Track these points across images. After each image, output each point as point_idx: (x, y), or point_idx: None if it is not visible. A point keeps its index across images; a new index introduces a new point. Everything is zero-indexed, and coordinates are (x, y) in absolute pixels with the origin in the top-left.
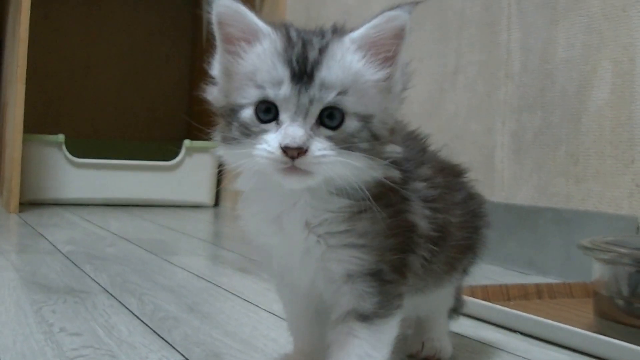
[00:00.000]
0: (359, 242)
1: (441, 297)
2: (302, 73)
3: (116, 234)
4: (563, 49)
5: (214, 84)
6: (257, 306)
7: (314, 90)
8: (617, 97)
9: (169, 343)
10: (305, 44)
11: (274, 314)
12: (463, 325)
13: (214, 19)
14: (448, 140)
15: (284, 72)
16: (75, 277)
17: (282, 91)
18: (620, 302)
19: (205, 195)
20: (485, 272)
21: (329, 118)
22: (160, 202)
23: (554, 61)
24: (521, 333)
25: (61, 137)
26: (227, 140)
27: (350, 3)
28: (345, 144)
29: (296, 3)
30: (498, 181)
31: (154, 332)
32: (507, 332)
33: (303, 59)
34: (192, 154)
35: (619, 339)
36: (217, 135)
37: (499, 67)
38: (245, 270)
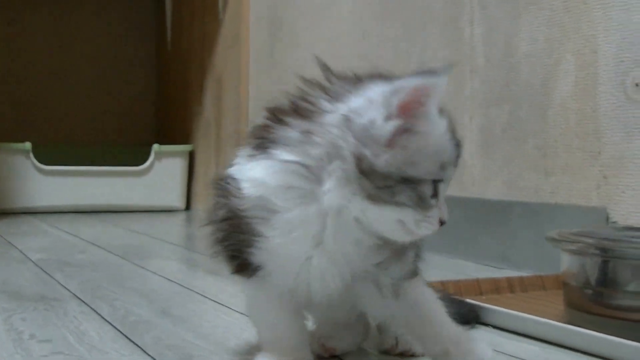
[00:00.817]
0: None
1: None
2: (459, 156)
3: (87, 241)
4: (526, 43)
5: (372, 142)
6: (230, 308)
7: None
8: (581, 90)
9: (140, 347)
10: (453, 125)
11: (246, 315)
12: None
13: (413, 88)
14: None
15: (455, 155)
16: (46, 285)
17: (449, 173)
18: (589, 292)
19: (176, 199)
20: (459, 268)
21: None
22: (131, 208)
23: (518, 55)
24: (494, 326)
25: (28, 145)
26: (383, 202)
27: (316, 3)
28: None
29: (259, 4)
30: (468, 177)
31: (125, 336)
32: (481, 326)
33: (460, 142)
34: (162, 159)
35: (589, 329)
36: (355, 189)
37: (463, 63)
38: (217, 273)
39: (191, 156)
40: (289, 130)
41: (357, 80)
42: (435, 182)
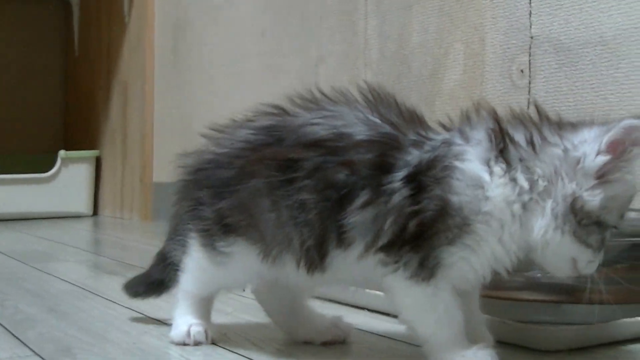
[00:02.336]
0: None
1: None
2: None
3: None
4: (417, 34)
5: (579, 175)
6: (117, 303)
7: None
8: (469, 78)
9: (22, 341)
10: None
11: (131, 309)
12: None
13: (630, 128)
14: None
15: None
16: None
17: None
18: None
19: (83, 205)
20: None
21: None
22: (38, 215)
23: (409, 46)
24: (368, 309)
25: None
26: (580, 240)
27: (215, 3)
28: None
29: (163, 6)
30: None
31: (9, 332)
32: (354, 309)
33: None
34: (68, 165)
35: None
36: (561, 225)
37: (358, 56)
38: (113, 273)
39: (98, 162)
40: (520, 152)
41: (574, 125)
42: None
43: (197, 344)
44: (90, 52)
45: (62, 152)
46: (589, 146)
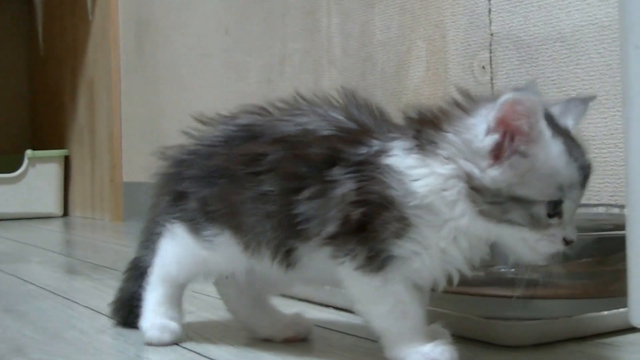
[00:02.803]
0: None
1: None
2: (587, 176)
3: None
4: (380, 32)
5: (476, 157)
6: (77, 303)
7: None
8: (432, 74)
9: None
10: (579, 147)
11: (91, 309)
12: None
13: (509, 103)
14: None
15: (579, 178)
16: None
17: (573, 194)
18: None
19: (53, 205)
20: None
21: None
22: (6, 216)
23: (373, 44)
24: (334, 307)
25: None
26: (494, 218)
27: (179, 1)
28: None
29: (127, 3)
30: None
31: None
32: (320, 307)
33: (587, 163)
34: (36, 164)
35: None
36: (467, 205)
37: (321, 54)
38: (75, 272)
39: (67, 161)
40: (433, 142)
41: (476, 103)
42: (555, 203)
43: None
44: (55, 51)
45: (29, 152)
46: (479, 127)
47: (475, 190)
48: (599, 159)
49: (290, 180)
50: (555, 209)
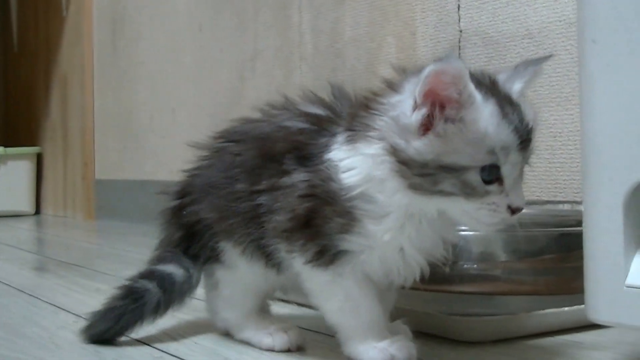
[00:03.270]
0: None
1: None
2: (525, 139)
3: None
4: (350, 28)
5: (410, 135)
6: (39, 299)
7: (528, 153)
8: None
9: None
10: (513, 107)
11: (54, 305)
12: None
13: (433, 75)
14: None
15: (514, 140)
16: None
17: (511, 158)
18: None
19: (24, 203)
20: None
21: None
22: None
23: (343, 40)
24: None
25: None
26: (425, 191)
27: None
28: None
29: None
30: None
31: None
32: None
33: (523, 124)
34: (7, 162)
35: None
36: (396, 178)
37: (293, 50)
38: (42, 269)
39: (39, 159)
40: (370, 120)
41: (403, 79)
42: (492, 168)
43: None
44: (29, 48)
45: (0, 149)
46: (406, 103)
47: (403, 164)
48: (565, 156)
49: (254, 175)
50: (491, 175)
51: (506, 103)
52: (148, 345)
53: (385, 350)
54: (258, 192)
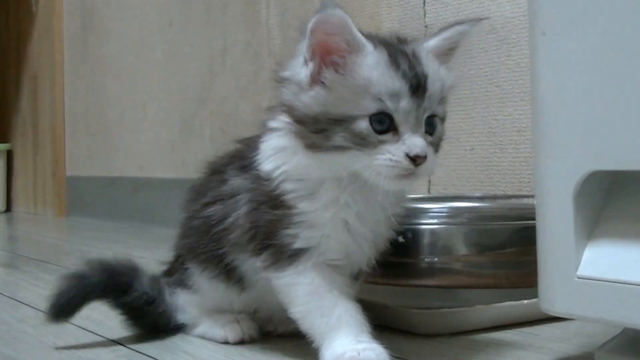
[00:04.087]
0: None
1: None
2: (418, 86)
3: None
4: None
5: (299, 89)
6: (1, 294)
7: (426, 102)
8: None
9: None
10: (407, 57)
11: (15, 299)
12: None
13: (315, 26)
14: (222, 122)
15: (402, 85)
16: None
17: (402, 104)
18: None
19: None
20: None
21: (430, 125)
22: None
23: None
24: None
25: None
26: (320, 148)
27: None
28: (436, 146)
29: None
30: None
31: None
32: None
33: (414, 72)
34: None
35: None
36: (295, 141)
37: (262, 45)
38: (6, 265)
39: (9, 155)
40: (279, 95)
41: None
42: (383, 116)
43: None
44: (0, 44)
45: None
46: (297, 61)
47: (300, 124)
48: (529, 151)
49: (203, 190)
50: (383, 123)
51: (398, 53)
52: (105, 338)
53: (353, 351)
54: (206, 204)
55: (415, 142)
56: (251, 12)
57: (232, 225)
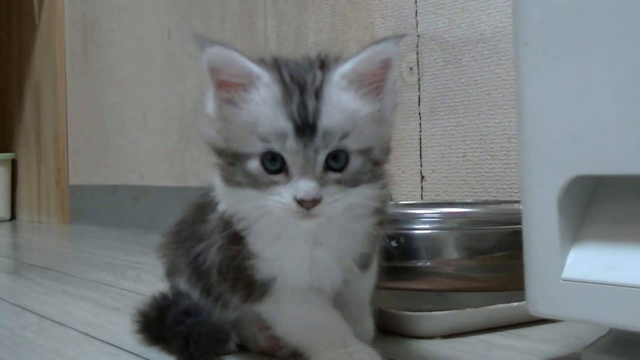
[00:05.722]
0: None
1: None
2: (305, 125)
3: None
4: (313, 34)
5: (209, 122)
6: (4, 300)
7: (318, 140)
8: None
9: None
10: (302, 91)
11: (18, 305)
12: None
13: (205, 65)
14: None
15: (287, 125)
16: None
17: (288, 145)
18: None
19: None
20: None
21: (335, 161)
22: None
23: (306, 46)
24: None
25: None
26: (231, 183)
27: (121, 4)
28: (352, 181)
29: (72, 7)
30: None
31: None
32: None
33: (304, 110)
34: None
35: None
36: (217, 173)
37: (258, 55)
38: (10, 272)
39: (14, 165)
40: None
41: None
42: (275, 156)
43: None
44: (2, 55)
45: None
46: (207, 93)
47: (217, 156)
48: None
49: (194, 228)
50: (275, 163)
51: (295, 85)
52: (106, 342)
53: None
54: (195, 239)
55: (300, 186)
56: (249, 22)
57: (211, 268)
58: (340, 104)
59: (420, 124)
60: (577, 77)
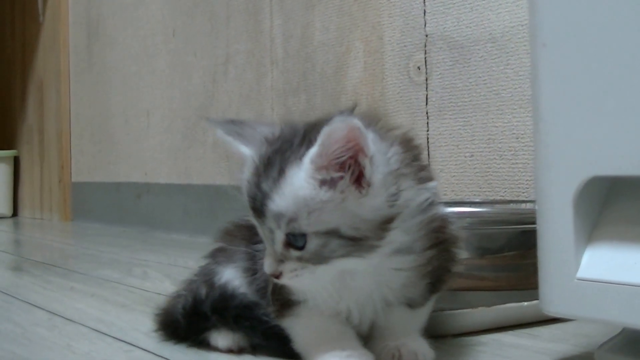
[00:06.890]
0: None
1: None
2: (257, 207)
3: None
4: (320, 33)
5: None
6: (15, 297)
7: (269, 222)
8: (370, 75)
9: None
10: (266, 173)
11: (29, 302)
12: None
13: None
14: None
15: (248, 206)
16: None
17: (253, 222)
18: None
19: (2, 206)
20: None
21: (295, 239)
22: None
23: (313, 45)
24: None
25: None
26: None
27: (126, 3)
28: (317, 259)
29: (77, 5)
30: None
31: None
32: None
33: (259, 193)
34: None
35: None
36: None
37: (264, 55)
38: (17, 269)
39: (16, 162)
40: None
41: None
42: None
43: None
44: (6, 53)
45: None
46: None
47: None
48: (527, 157)
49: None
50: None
51: (262, 167)
52: (118, 339)
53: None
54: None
55: (268, 260)
56: (254, 21)
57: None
58: (293, 189)
59: (427, 123)
60: (594, 79)
